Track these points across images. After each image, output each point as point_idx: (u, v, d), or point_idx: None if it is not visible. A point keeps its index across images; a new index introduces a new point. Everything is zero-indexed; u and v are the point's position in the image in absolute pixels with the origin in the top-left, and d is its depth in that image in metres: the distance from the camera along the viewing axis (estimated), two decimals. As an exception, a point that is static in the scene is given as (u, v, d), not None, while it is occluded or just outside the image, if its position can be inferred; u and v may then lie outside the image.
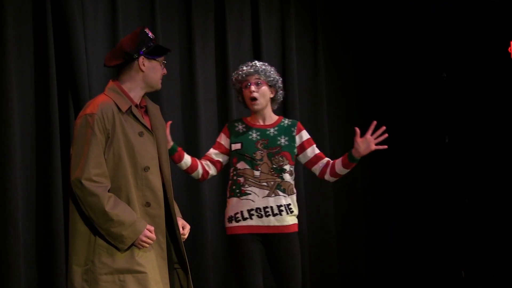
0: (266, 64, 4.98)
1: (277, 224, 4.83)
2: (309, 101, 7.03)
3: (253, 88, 4.85)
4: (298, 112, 6.82)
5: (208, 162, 4.94)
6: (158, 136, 4.13)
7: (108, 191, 3.92)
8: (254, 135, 4.90)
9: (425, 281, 7.28)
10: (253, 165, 4.82)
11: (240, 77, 4.91)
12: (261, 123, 4.95)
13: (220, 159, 4.95)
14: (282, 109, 6.72)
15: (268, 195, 4.82)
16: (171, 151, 4.76)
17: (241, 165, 4.85)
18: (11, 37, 5.30)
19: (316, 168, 4.98)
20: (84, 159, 3.89)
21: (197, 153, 6.14)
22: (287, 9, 6.86)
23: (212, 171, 4.95)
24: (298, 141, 4.96)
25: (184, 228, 4.24)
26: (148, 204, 4.01)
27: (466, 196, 7.01)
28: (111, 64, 4.10)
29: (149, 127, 4.08)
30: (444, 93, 7.11)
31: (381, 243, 7.40)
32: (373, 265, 7.35)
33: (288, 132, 4.95)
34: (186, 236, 4.24)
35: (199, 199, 6.19)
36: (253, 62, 4.95)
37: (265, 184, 4.82)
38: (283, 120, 5.00)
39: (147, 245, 3.94)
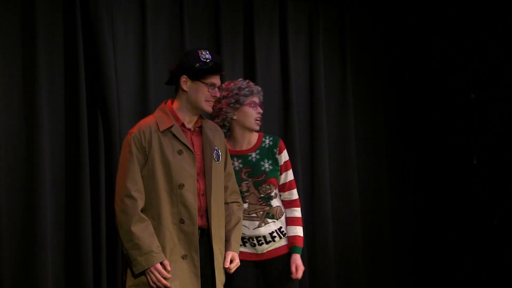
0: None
1: (270, 249, 4.74)
2: (337, 121, 7.01)
3: (260, 109, 4.75)
4: (326, 132, 6.81)
5: None
6: (205, 157, 4.21)
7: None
8: (236, 163, 4.71)
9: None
10: (241, 198, 4.64)
11: (247, 93, 4.73)
12: (240, 147, 4.75)
13: None
14: (309, 129, 6.74)
15: (259, 226, 4.71)
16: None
17: None
18: (42, 55, 5.36)
19: (282, 198, 4.85)
20: (123, 177, 4.08)
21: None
22: (316, 29, 6.87)
23: None
24: (280, 162, 4.79)
25: (233, 262, 4.29)
26: (182, 221, 4.11)
27: (495, 217, 6.96)
28: (166, 83, 4.32)
29: (190, 146, 4.16)
30: (473, 114, 7.08)
31: (408, 264, 7.35)
32: (400, 283, 7.30)
33: (271, 154, 4.77)
34: (231, 270, 4.29)
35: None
36: (249, 82, 4.83)
37: (254, 215, 4.69)
38: (263, 139, 4.81)
39: (155, 279, 4.00)
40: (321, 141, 6.75)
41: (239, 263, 4.31)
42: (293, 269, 4.74)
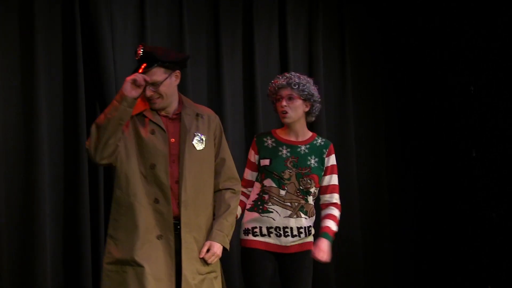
0: (302, 76, 4.81)
1: (293, 244, 4.75)
2: (336, 116, 7.01)
3: (284, 102, 4.71)
4: (325, 127, 6.80)
5: (249, 189, 4.82)
6: (181, 143, 4.17)
7: (120, 181, 4.11)
8: (284, 151, 4.75)
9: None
10: (280, 184, 4.70)
11: (273, 89, 4.79)
12: (293, 138, 4.80)
13: (254, 179, 4.82)
14: (308, 124, 6.72)
15: (290, 216, 4.71)
16: None
17: (268, 182, 4.72)
18: (40, 49, 5.37)
19: (323, 200, 4.87)
20: None
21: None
22: (315, 23, 6.87)
23: (249, 193, 4.84)
24: (326, 164, 4.83)
25: (209, 250, 4.20)
26: (157, 201, 4.08)
27: (493, 211, 6.96)
28: None
29: (164, 126, 4.15)
30: (472, 107, 7.08)
31: (408, 257, 7.35)
32: (400, 279, 7.30)
33: (319, 153, 4.81)
34: (209, 260, 4.20)
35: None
36: (289, 74, 4.80)
37: (288, 204, 4.71)
38: (316, 138, 4.86)
39: (134, 80, 4.05)
40: (320, 135, 6.69)
41: (219, 254, 4.23)
42: (316, 250, 4.72)
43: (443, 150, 7.30)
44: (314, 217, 4.83)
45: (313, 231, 4.83)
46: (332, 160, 4.85)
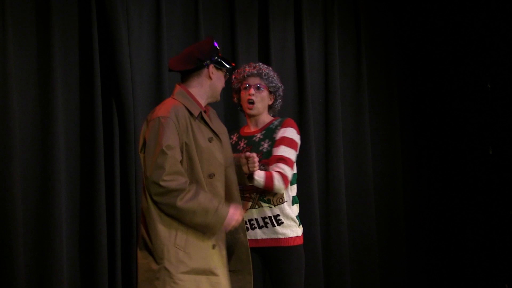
0: (271, 68, 4.74)
1: (264, 237, 4.58)
2: (352, 112, 6.97)
3: (252, 91, 4.61)
4: (340, 122, 6.78)
5: None
6: (224, 141, 4.16)
7: None
8: (242, 144, 4.64)
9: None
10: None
11: (241, 77, 4.67)
12: (253, 129, 4.67)
13: None
14: (324, 119, 6.72)
15: (252, 207, 4.55)
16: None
17: None
18: (57, 44, 5.37)
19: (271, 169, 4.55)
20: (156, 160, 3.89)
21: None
22: (330, 20, 6.83)
23: None
24: (276, 138, 4.59)
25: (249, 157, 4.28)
26: None
27: (510, 208, 6.92)
28: (179, 69, 4.15)
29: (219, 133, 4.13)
30: (488, 104, 7.04)
31: (423, 256, 7.32)
32: (416, 276, 7.28)
33: (272, 135, 4.60)
34: (254, 165, 4.29)
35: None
36: (257, 64, 4.72)
37: (248, 195, 4.54)
38: (274, 121, 4.67)
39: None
40: (336, 131, 6.72)
41: (254, 155, 4.27)
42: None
43: (459, 147, 7.26)
44: (284, 205, 4.56)
45: (286, 222, 4.57)
46: (282, 132, 4.60)
